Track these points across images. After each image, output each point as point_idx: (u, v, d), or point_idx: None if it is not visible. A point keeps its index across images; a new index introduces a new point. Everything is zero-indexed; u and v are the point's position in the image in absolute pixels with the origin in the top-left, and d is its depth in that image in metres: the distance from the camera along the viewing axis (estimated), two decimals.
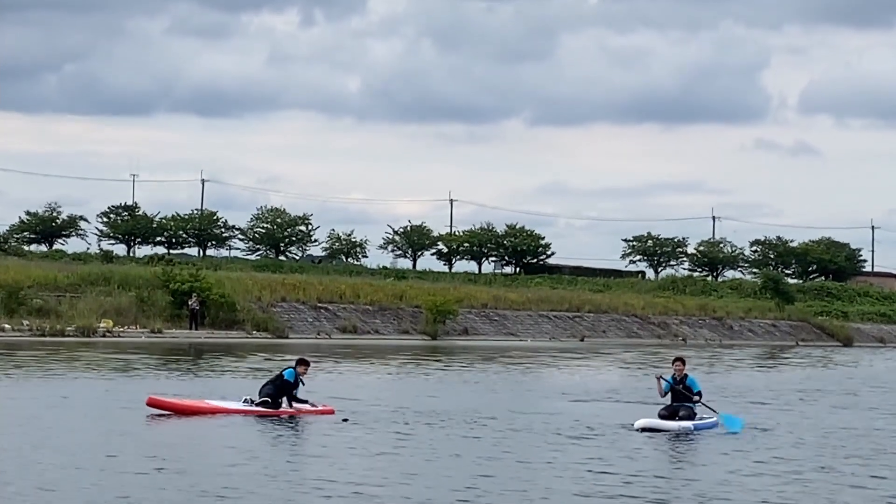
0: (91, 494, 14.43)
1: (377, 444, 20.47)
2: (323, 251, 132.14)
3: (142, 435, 20.96)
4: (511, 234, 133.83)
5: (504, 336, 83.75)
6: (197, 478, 16.09)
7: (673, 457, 19.99)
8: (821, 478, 17.47)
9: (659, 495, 15.37)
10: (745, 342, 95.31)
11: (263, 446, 20.26)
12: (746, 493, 15.71)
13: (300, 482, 16.05)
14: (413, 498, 14.73)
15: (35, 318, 63.26)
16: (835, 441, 22.67)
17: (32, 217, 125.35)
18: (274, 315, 73.82)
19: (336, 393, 30.03)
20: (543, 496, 15.05)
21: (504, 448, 20.11)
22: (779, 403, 31.98)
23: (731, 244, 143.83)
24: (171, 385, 32.43)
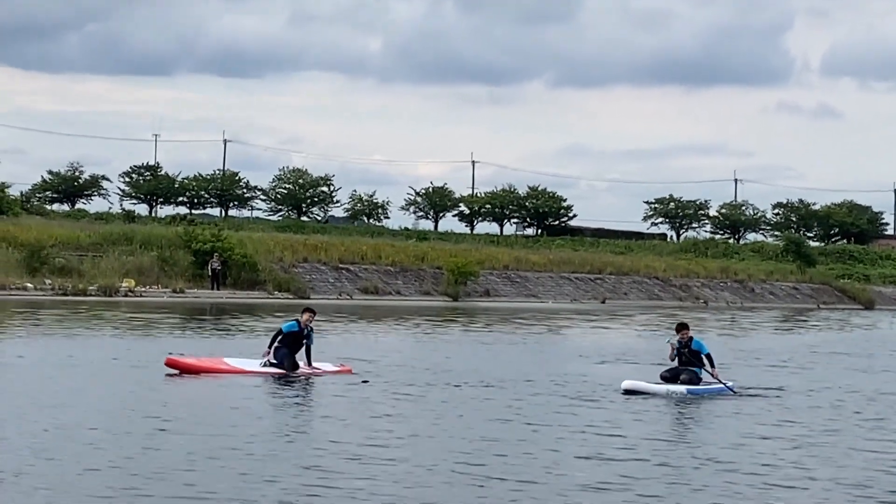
0: (89, 455, 14.27)
1: (388, 405, 20.36)
2: (345, 212, 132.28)
3: (150, 395, 20.78)
4: (533, 196, 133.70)
5: (525, 298, 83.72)
6: (198, 438, 15.95)
7: (682, 420, 19.90)
8: (832, 442, 17.33)
9: (664, 459, 15.25)
10: (766, 305, 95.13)
11: (271, 407, 20.17)
12: (754, 457, 15.60)
13: (305, 443, 15.97)
14: (413, 461, 14.63)
15: (57, 278, 63.45)
16: (849, 405, 22.49)
17: (55, 177, 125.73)
18: (295, 275, 73.90)
19: (354, 353, 30.04)
20: (550, 460, 14.90)
21: (515, 410, 19.99)
22: (794, 366, 31.74)
23: (753, 207, 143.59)
24: (192, 344, 32.45)
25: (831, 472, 14.61)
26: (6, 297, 58.11)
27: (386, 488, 12.85)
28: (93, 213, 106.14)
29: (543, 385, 24.15)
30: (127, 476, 13.07)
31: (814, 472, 14.64)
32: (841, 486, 13.76)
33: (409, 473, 13.80)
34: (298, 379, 24.00)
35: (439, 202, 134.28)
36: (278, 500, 12.08)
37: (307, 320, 24.98)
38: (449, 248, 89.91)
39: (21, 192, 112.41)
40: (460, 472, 13.92)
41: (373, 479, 13.32)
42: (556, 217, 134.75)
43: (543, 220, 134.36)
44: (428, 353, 33.65)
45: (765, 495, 13.03)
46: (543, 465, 14.54)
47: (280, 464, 14.11)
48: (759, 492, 13.24)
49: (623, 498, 12.66)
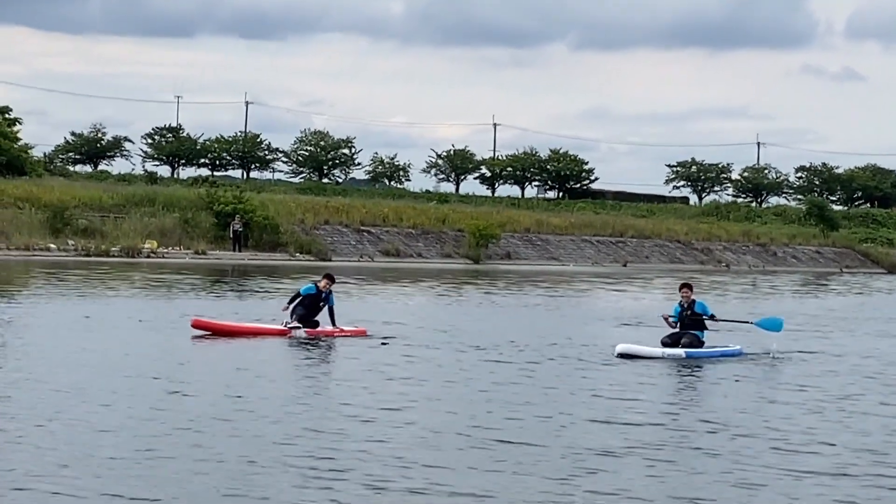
0: (100, 417, 14.31)
1: (403, 367, 20.32)
2: (366, 174, 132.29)
3: (166, 356, 20.78)
4: (554, 159, 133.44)
5: (546, 261, 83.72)
6: (209, 400, 15.95)
7: (694, 384, 19.77)
8: (845, 407, 17.16)
9: (677, 424, 15.21)
10: (788, 269, 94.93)
11: (286, 369, 20.07)
12: (768, 422, 15.51)
13: (317, 406, 15.92)
14: (424, 424, 14.57)
15: (80, 239, 63.72)
16: (866, 370, 22.26)
17: (77, 138, 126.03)
18: (317, 237, 74.03)
19: (372, 315, 30.11)
20: (562, 424, 14.88)
21: (529, 374, 19.95)
22: (811, 330, 31.53)
23: (776, 170, 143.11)
24: (213, 306, 32.59)
25: (847, 438, 14.54)
26: (29, 257, 58.41)
27: (396, 451, 12.82)
28: (115, 175, 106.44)
29: (558, 348, 24.04)
30: (135, 438, 13.10)
31: (829, 437, 14.57)
32: (855, 451, 13.67)
33: (419, 437, 13.78)
34: (316, 341, 24.06)
35: (461, 165, 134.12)
36: (285, 463, 12.07)
37: (325, 286, 25.13)
38: (470, 211, 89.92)
39: (44, 153, 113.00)
40: (472, 436, 13.89)
41: (383, 442, 13.30)
42: (578, 180, 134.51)
43: (565, 183, 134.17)
44: (446, 315, 33.63)
45: (778, 460, 12.98)
46: (556, 429, 14.54)
47: (290, 426, 14.10)
48: (772, 457, 13.18)
49: (636, 463, 12.64)
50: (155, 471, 11.55)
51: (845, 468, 12.67)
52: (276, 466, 11.91)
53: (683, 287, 23.99)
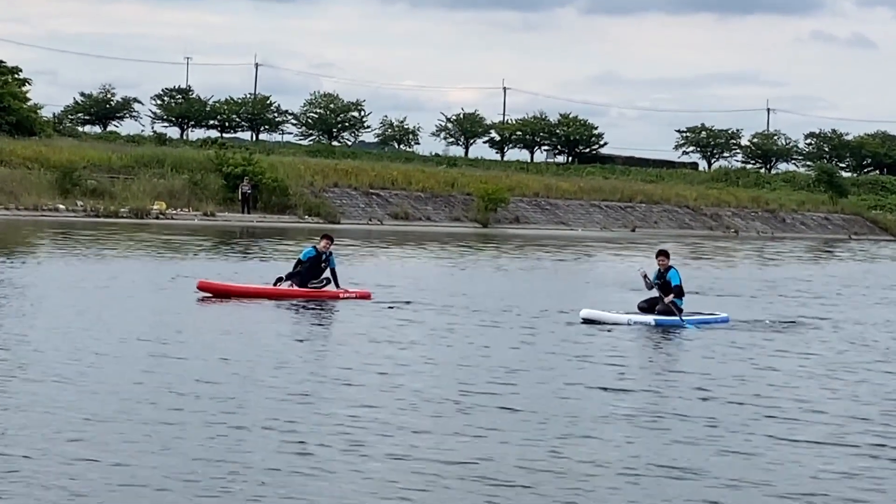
0: (87, 378, 14.21)
1: (402, 331, 20.15)
2: (375, 137, 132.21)
3: (164, 318, 20.67)
4: (564, 124, 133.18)
5: (555, 225, 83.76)
6: (198, 363, 15.77)
7: (690, 350, 19.48)
8: (841, 375, 16.98)
9: (670, 391, 15.07)
10: (797, 235, 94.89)
11: (282, 333, 19.72)
12: (756, 389, 15.36)
13: (307, 369, 15.69)
14: (407, 388, 14.39)
15: (89, 199, 63.83)
16: (865, 337, 22.02)
17: (87, 98, 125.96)
18: (326, 200, 74.07)
19: (377, 279, 30.12)
20: (560, 390, 14.79)
21: (528, 338, 19.84)
22: (809, 297, 31.34)
23: (786, 136, 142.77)
24: (220, 267, 32.63)
25: (841, 406, 14.42)
26: (38, 217, 58.55)
27: (386, 416, 12.67)
28: (124, 136, 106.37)
29: (558, 314, 23.82)
30: (118, 400, 12.97)
31: (822, 405, 14.46)
32: (850, 419, 13.55)
33: (411, 402, 13.59)
34: (319, 304, 24.06)
35: (470, 128, 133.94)
36: (267, 427, 11.89)
37: (325, 246, 25.13)
38: (479, 175, 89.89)
39: (53, 113, 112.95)
40: (464, 402, 13.73)
41: (373, 407, 13.14)
42: (587, 145, 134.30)
43: (574, 148, 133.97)
44: (450, 279, 33.59)
45: (771, 428, 12.89)
46: (553, 395, 14.45)
47: (275, 391, 13.92)
48: (765, 424, 13.08)
49: (626, 430, 12.52)
50: (131, 434, 11.37)
51: (840, 437, 12.54)
52: (256, 430, 11.74)
53: (660, 254, 23.58)
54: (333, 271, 25.11)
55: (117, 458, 10.48)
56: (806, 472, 10.97)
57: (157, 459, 10.50)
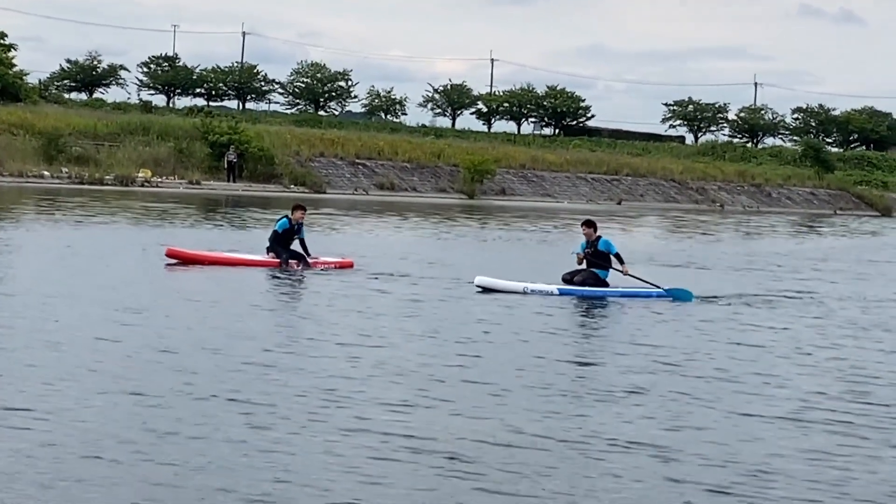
0: (40, 348, 13.96)
1: (373, 302, 19.89)
2: (362, 108, 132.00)
3: (132, 286, 20.41)
4: (551, 96, 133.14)
5: (541, 197, 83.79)
6: (156, 332, 15.43)
7: (655, 324, 18.98)
8: (810, 351, 16.79)
9: (626, 363, 14.92)
10: (783, 210, 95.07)
11: (250, 301, 19.37)
12: (721, 363, 15.18)
13: (267, 339, 15.36)
14: (373, 359, 14.21)
15: (74, 166, 63.69)
16: (840, 312, 21.83)
17: (73, 65, 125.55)
18: (312, 170, 74.00)
19: (357, 249, 30.07)
20: (524, 363, 14.57)
21: (499, 310, 19.64)
22: (786, 271, 31.15)
23: (773, 111, 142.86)
24: (202, 236, 32.56)
25: (809, 383, 14.27)
26: (23, 184, 58.42)
27: (347, 388, 12.45)
28: (110, 103, 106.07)
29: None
30: (69, 368, 12.77)
31: (789, 381, 14.32)
32: (817, 395, 13.42)
33: (372, 373, 13.36)
34: (295, 273, 23.98)
35: (457, 99, 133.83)
36: (211, 395, 11.70)
37: (299, 217, 25.05)
38: (466, 146, 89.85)
39: (39, 80, 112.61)
40: (424, 373, 13.55)
41: (335, 378, 12.94)
42: (574, 117, 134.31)
43: (561, 120, 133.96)
44: (431, 250, 33.44)
45: (732, 402, 12.75)
46: (516, 368, 14.22)
47: (233, 360, 13.67)
48: (726, 399, 12.91)
49: (587, 404, 12.34)
50: (84, 408, 11.07)
51: (801, 413, 12.40)
52: (212, 401, 11.54)
53: (585, 224, 23.35)
54: (303, 241, 25.03)
55: (70, 429, 10.26)
56: (767, 448, 10.84)
57: (108, 431, 10.24)
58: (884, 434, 11.58)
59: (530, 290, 21.89)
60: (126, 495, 8.55)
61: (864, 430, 11.69)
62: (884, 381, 14.52)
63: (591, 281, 22.57)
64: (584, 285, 22.40)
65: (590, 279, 22.59)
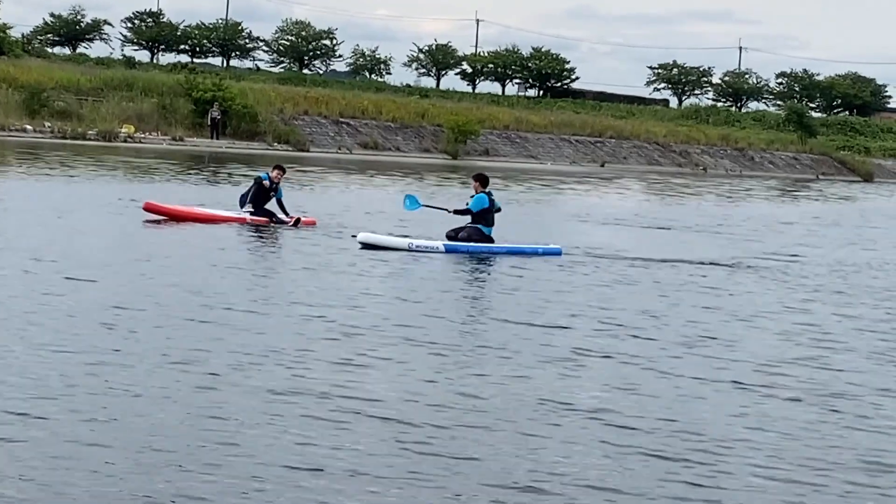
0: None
1: (338, 262, 19.73)
2: (347, 66, 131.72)
3: (96, 242, 20.44)
4: (536, 57, 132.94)
5: (525, 158, 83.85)
6: (113, 289, 15.29)
7: (623, 285, 19.00)
8: (771, 315, 16.72)
9: (581, 321, 14.99)
10: (765, 174, 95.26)
11: (212, 259, 19.10)
12: (672, 325, 15.16)
13: (232, 300, 15.16)
14: (334, 320, 14.08)
15: (56, 121, 63.55)
16: (811, 278, 21.70)
17: (56, 19, 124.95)
18: (295, 128, 73.94)
19: (333, 207, 30.10)
20: (479, 324, 14.65)
21: (464, 273, 19.72)
22: (755, 235, 31.09)
23: (757, 75, 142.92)
24: (183, 191, 32.58)
25: (762, 348, 14.11)
26: (5, 137, 58.33)
27: (297, 349, 12.38)
28: (94, 58, 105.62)
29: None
30: (25, 324, 12.67)
31: (744, 346, 14.18)
32: (770, 361, 13.29)
33: (325, 335, 13.20)
34: (268, 230, 24.05)
35: (442, 60, 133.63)
36: (163, 354, 11.59)
37: (276, 176, 25.23)
38: (450, 107, 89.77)
39: (22, 34, 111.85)
40: (387, 333, 13.49)
41: (273, 336, 12.82)
42: (559, 79, 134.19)
43: (546, 82, 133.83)
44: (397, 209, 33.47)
45: (682, 367, 12.64)
46: (462, 330, 14.18)
47: (171, 318, 13.50)
48: (674, 364, 12.74)
49: (536, 367, 12.24)
50: (37, 369, 10.81)
51: (751, 377, 12.32)
52: (149, 360, 11.39)
53: (475, 179, 23.39)
54: (280, 201, 25.20)
55: (23, 391, 10.04)
56: (712, 413, 10.74)
57: (42, 389, 10.09)
58: (833, 402, 11.52)
59: (415, 245, 21.75)
60: (55, 452, 8.37)
61: (812, 398, 11.59)
62: (840, 348, 14.45)
63: (475, 237, 22.53)
64: (468, 241, 22.35)
65: (474, 235, 22.57)
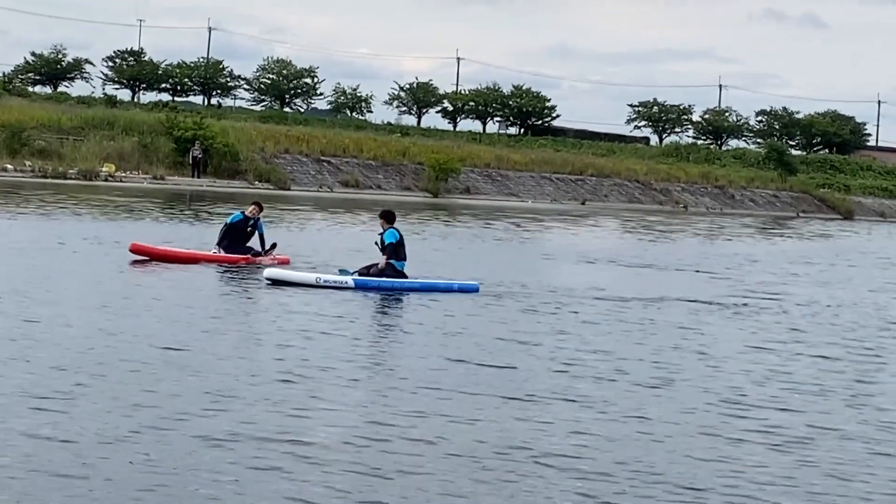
0: None
1: (329, 304, 19.70)
2: (328, 105, 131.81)
3: (66, 279, 20.52)
4: (517, 95, 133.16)
5: (506, 196, 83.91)
6: (81, 326, 15.53)
7: (589, 325, 18.97)
8: (715, 352, 16.70)
9: (525, 360, 14.98)
10: (746, 212, 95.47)
11: (186, 297, 19.22)
12: (633, 364, 15.08)
13: (180, 337, 15.27)
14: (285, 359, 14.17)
15: (38, 160, 63.43)
16: (757, 314, 21.73)
17: (37, 58, 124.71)
18: (277, 166, 73.92)
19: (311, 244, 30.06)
20: (422, 357, 14.74)
21: (423, 308, 19.78)
22: (722, 273, 31.07)
23: (737, 113, 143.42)
24: (164, 230, 32.49)
25: (718, 385, 14.05)
26: None
27: (233, 386, 12.48)
28: (75, 97, 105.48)
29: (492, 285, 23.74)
30: None
31: (699, 383, 14.12)
32: (724, 400, 13.17)
33: (259, 375, 13.21)
34: (246, 270, 23.98)
35: (423, 98, 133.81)
36: (112, 398, 11.53)
37: (252, 212, 25.20)
38: (431, 145, 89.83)
39: (3, 72, 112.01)
40: (320, 374, 13.47)
41: (218, 377, 12.82)
42: (540, 117, 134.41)
43: (526, 120, 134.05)
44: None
45: (631, 406, 12.59)
46: (410, 366, 14.15)
47: (124, 362, 13.48)
48: (625, 403, 12.71)
49: (472, 405, 12.21)
50: None
51: (698, 416, 12.24)
52: (100, 401, 11.42)
53: (383, 217, 23.33)
54: (262, 236, 25.26)
55: None
56: (660, 453, 10.68)
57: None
58: (797, 445, 11.39)
59: (323, 280, 21.53)
60: None
61: (774, 441, 11.48)
62: (804, 390, 14.28)
63: (388, 272, 22.39)
64: (381, 276, 22.21)
65: (387, 270, 22.43)
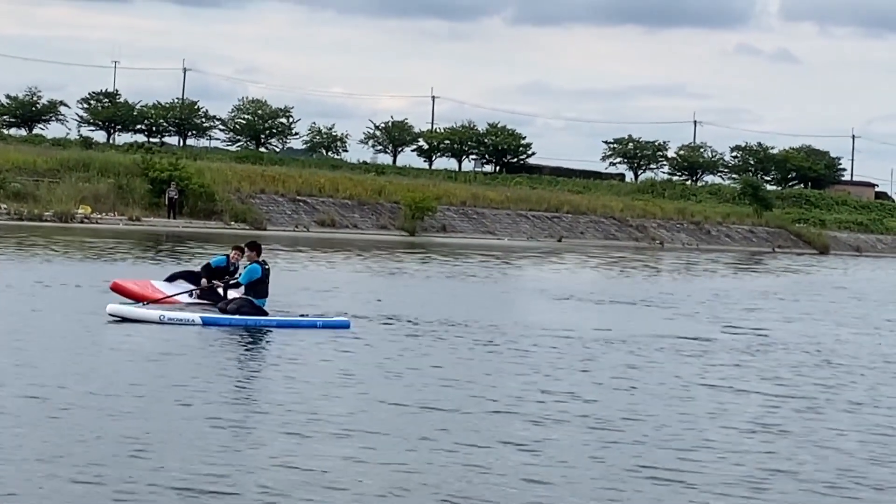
0: None
1: (319, 348, 19.54)
2: (303, 144, 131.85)
3: (40, 323, 20.40)
4: (492, 133, 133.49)
5: (482, 234, 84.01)
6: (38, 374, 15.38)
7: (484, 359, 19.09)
8: (661, 387, 16.83)
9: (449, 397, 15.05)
10: (722, 247, 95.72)
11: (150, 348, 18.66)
12: (574, 402, 15.16)
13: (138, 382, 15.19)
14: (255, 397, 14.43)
15: (13, 202, 63.28)
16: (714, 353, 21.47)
17: (12, 101, 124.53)
18: (252, 206, 73.89)
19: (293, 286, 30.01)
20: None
21: (438, 351, 19.75)
22: (684, 309, 30.95)
23: (712, 149, 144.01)
24: (138, 271, 32.38)
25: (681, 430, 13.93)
26: None
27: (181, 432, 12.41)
28: (50, 139, 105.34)
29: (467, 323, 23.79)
30: None
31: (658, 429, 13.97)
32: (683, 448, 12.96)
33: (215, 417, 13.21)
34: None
35: (398, 136, 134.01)
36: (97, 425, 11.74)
37: (235, 257, 24.88)
38: (407, 183, 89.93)
39: None
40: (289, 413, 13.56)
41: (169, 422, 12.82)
42: (515, 154, 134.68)
43: (502, 157, 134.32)
44: (363, 285, 33.42)
45: (585, 448, 12.59)
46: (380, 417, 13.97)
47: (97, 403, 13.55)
48: (575, 446, 12.69)
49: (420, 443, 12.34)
50: None
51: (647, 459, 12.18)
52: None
53: (247, 248, 23.06)
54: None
55: None
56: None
57: None
58: (755, 490, 11.21)
59: (167, 318, 20.92)
60: None
61: (732, 487, 11.28)
62: (765, 431, 14.10)
63: (245, 308, 21.83)
64: (238, 313, 21.63)
65: (245, 306, 21.90)
